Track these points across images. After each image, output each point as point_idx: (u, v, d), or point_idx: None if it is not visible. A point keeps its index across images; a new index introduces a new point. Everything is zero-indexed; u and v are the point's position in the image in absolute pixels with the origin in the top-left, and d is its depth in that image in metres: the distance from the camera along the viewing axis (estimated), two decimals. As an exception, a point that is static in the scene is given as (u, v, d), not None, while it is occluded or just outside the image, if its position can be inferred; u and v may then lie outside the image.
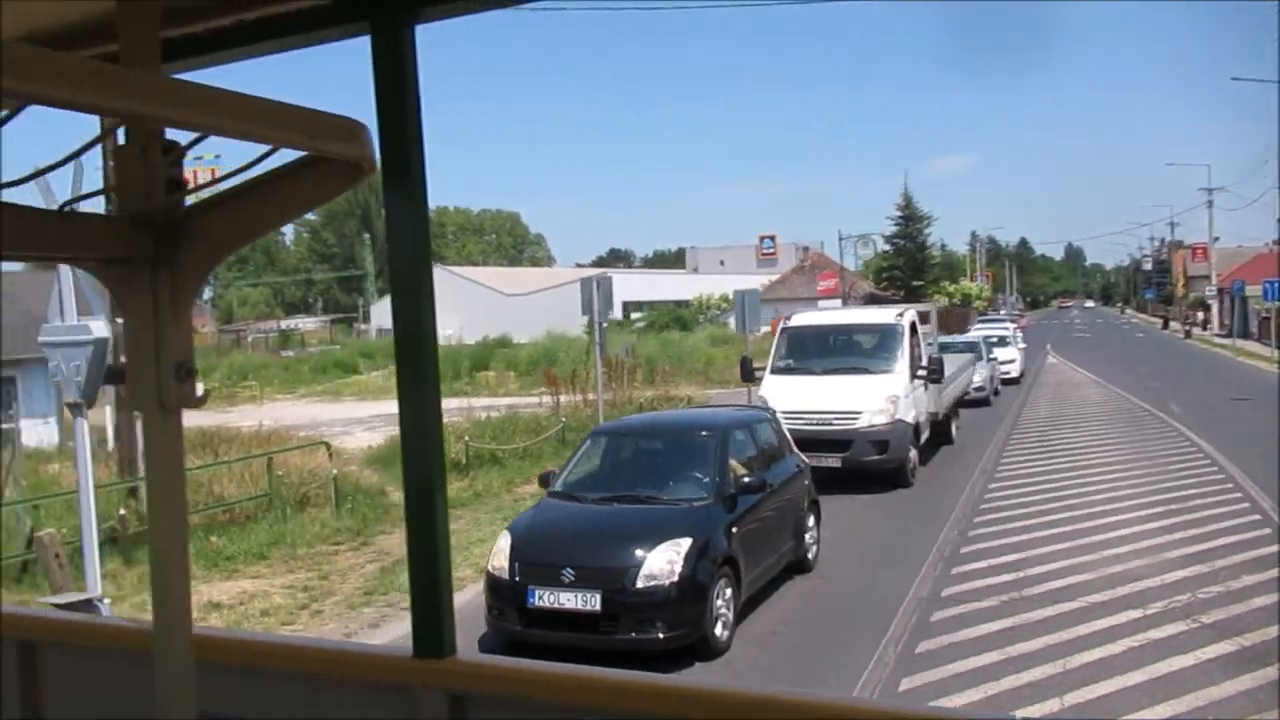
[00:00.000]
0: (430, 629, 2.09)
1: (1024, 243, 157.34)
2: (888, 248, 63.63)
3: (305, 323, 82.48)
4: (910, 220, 63.68)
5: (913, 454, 16.03)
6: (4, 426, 22.61)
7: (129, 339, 1.38)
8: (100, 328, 8.04)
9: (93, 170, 15.69)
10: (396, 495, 18.13)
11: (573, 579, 8.36)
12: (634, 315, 64.56)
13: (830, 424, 15.42)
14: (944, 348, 26.79)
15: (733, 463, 9.99)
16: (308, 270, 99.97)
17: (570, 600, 8.32)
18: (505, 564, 8.71)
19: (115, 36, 1.83)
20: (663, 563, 8.39)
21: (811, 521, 11.47)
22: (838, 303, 38.13)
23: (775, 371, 16.91)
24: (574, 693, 2.03)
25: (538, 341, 48.76)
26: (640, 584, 8.31)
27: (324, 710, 2.22)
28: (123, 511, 13.42)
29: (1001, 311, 75.10)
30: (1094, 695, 7.69)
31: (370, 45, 2.01)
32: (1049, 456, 18.86)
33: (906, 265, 62.54)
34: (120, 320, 8.11)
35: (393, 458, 21.02)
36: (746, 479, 9.68)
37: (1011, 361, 32.54)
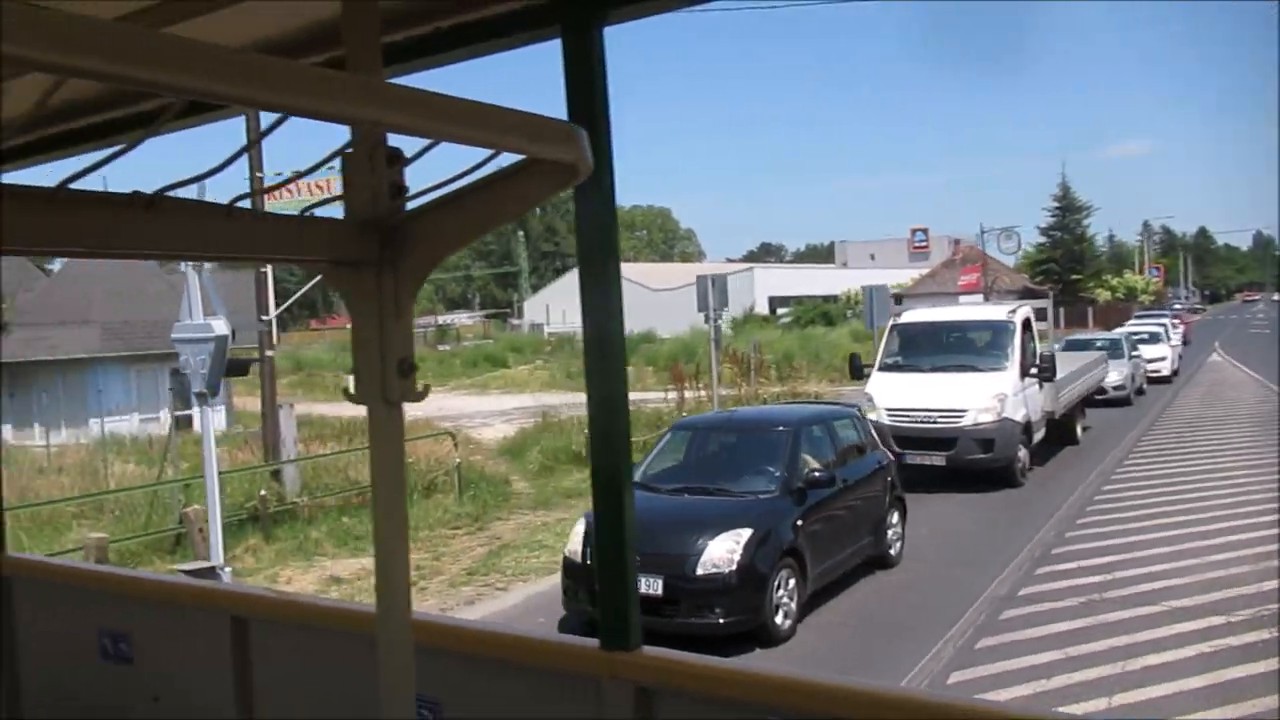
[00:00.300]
0: (618, 622, 2.12)
1: (1203, 232, 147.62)
2: (1044, 240, 61.34)
3: (462, 318, 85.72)
4: (1068, 210, 61.18)
5: (1022, 453, 15.80)
6: (177, 414, 24.87)
7: (355, 337, 1.43)
8: (221, 326, 9.09)
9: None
10: (519, 484, 19.13)
11: (638, 564, 8.86)
12: (780, 311, 64.41)
13: (934, 421, 15.40)
14: (1075, 345, 26.00)
15: (806, 457, 10.30)
16: (467, 267, 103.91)
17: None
18: (579, 548, 9.33)
19: (337, 43, 1.96)
20: (723, 551, 8.82)
21: (895, 518, 11.62)
22: (979, 298, 37.19)
23: (883, 368, 16.95)
24: (761, 691, 2.02)
25: (679, 337, 49.40)
26: (700, 571, 8.77)
27: (515, 695, 2.28)
28: (263, 493, 14.75)
29: (1177, 305, 71.09)
30: (1145, 697, 7.69)
31: (561, 48, 2.03)
32: (1179, 459, 18.16)
33: (1063, 258, 60.14)
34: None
35: (521, 449, 22.10)
36: (816, 474, 9.98)
37: (1161, 359, 31.07)
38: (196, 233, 1.23)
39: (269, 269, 17.65)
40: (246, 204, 1.30)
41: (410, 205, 1.44)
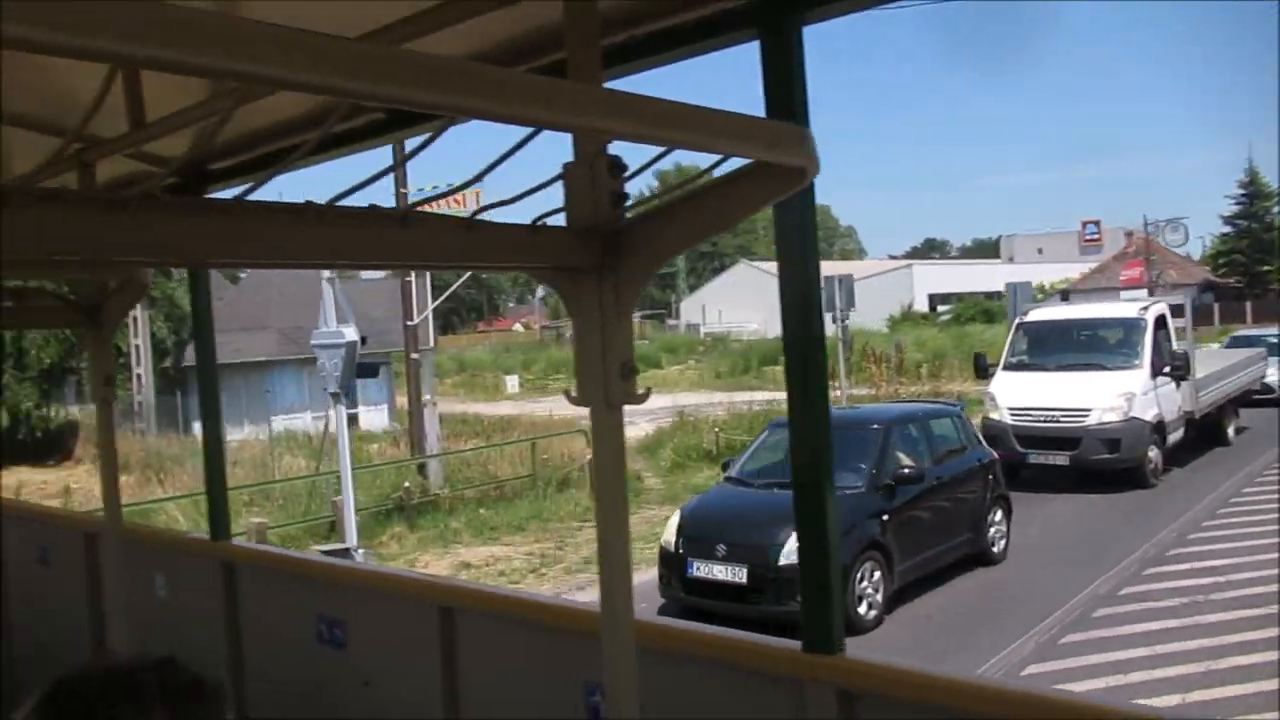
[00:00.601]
0: (820, 624, 2.08)
1: None
2: (1228, 229, 57.67)
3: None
4: (1255, 198, 57.27)
5: (1153, 454, 15.36)
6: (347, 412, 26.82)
7: (578, 340, 1.46)
8: (351, 332, 10.17)
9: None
10: (651, 480, 19.89)
11: (725, 553, 9.44)
12: (940, 308, 62.96)
13: (1057, 421, 15.19)
14: (1241, 341, 24.65)
15: (898, 455, 10.56)
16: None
17: (721, 572, 9.41)
18: (673, 538, 9.95)
19: (554, 49, 2.01)
20: (805, 543, 9.24)
21: (998, 516, 11.70)
22: (1143, 293, 35.54)
23: (1007, 368, 16.77)
24: (972, 700, 1.96)
25: (830, 336, 49.15)
26: (782, 561, 9.22)
27: (716, 693, 2.28)
28: (407, 485, 16.01)
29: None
30: (1220, 696, 7.67)
31: (759, 50, 2.01)
32: (1339, 461, 17.15)
33: (1250, 249, 56.34)
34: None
35: (657, 446, 22.90)
36: (906, 470, 10.25)
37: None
38: (444, 244, 1.29)
39: (413, 278, 18.94)
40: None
41: (626, 201, 1.45)
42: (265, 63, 0.76)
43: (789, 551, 9.25)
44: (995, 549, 11.59)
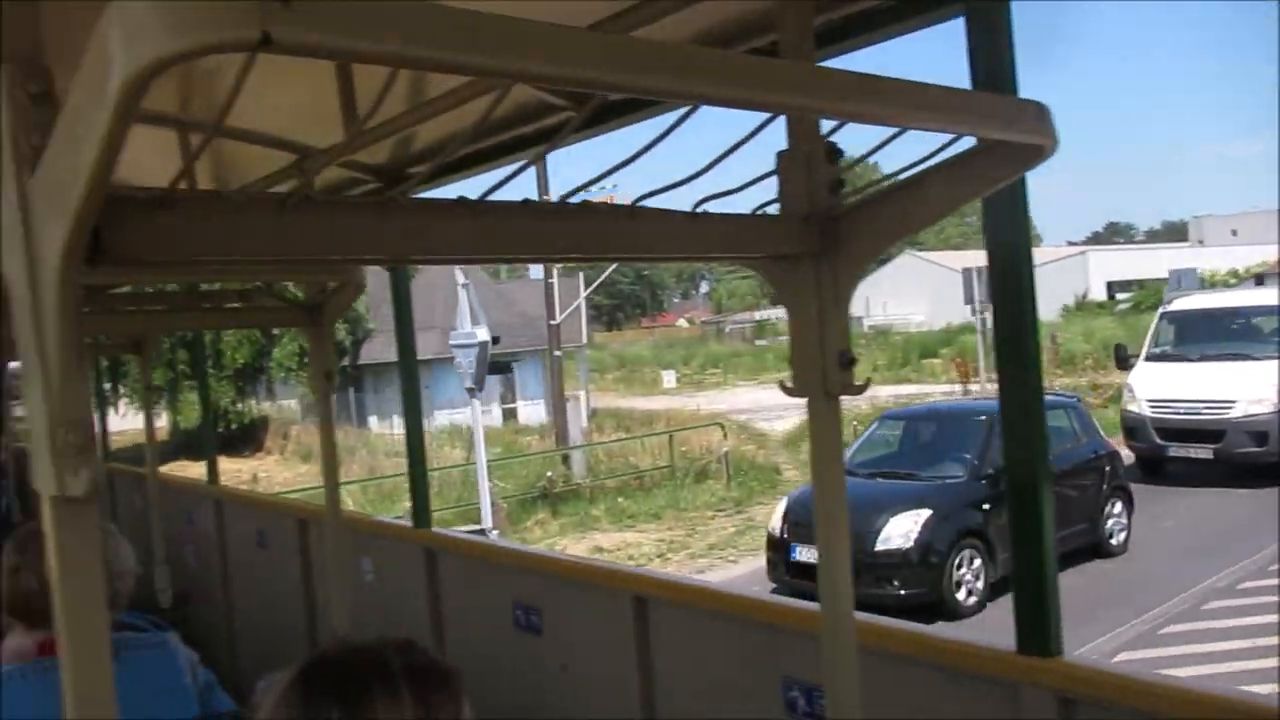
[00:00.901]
0: (1037, 626, 2.01)
1: None
2: None
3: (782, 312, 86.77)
4: None
5: (1306, 447, 14.71)
6: (505, 406, 28.42)
7: (793, 329, 1.43)
8: (483, 333, 11.20)
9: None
10: (790, 473, 20.33)
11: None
12: (1120, 296, 60.11)
13: (1199, 413, 14.78)
14: None
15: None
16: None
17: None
18: (778, 525, 10.55)
19: (763, 32, 1.98)
20: (901, 530, 9.66)
21: (1118, 508, 11.69)
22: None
23: (1149, 358, 16.36)
24: (1199, 710, 1.84)
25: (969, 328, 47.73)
26: (879, 546, 9.67)
27: (926, 694, 2.23)
28: (550, 474, 17.10)
29: None
30: (1314, 687, 7.63)
31: (964, 28, 1.96)
32: None
33: None
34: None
35: (799, 439, 23.22)
36: (1008, 461, 10.47)
37: None
38: (668, 235, 1.28)
39: (555, 279, 19.97)
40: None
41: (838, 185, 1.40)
42: (536, 59, 0.78)
43: (885, 538, 9.69)
44: (1114, 541, 11.58)
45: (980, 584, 9.92)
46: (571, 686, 3.25)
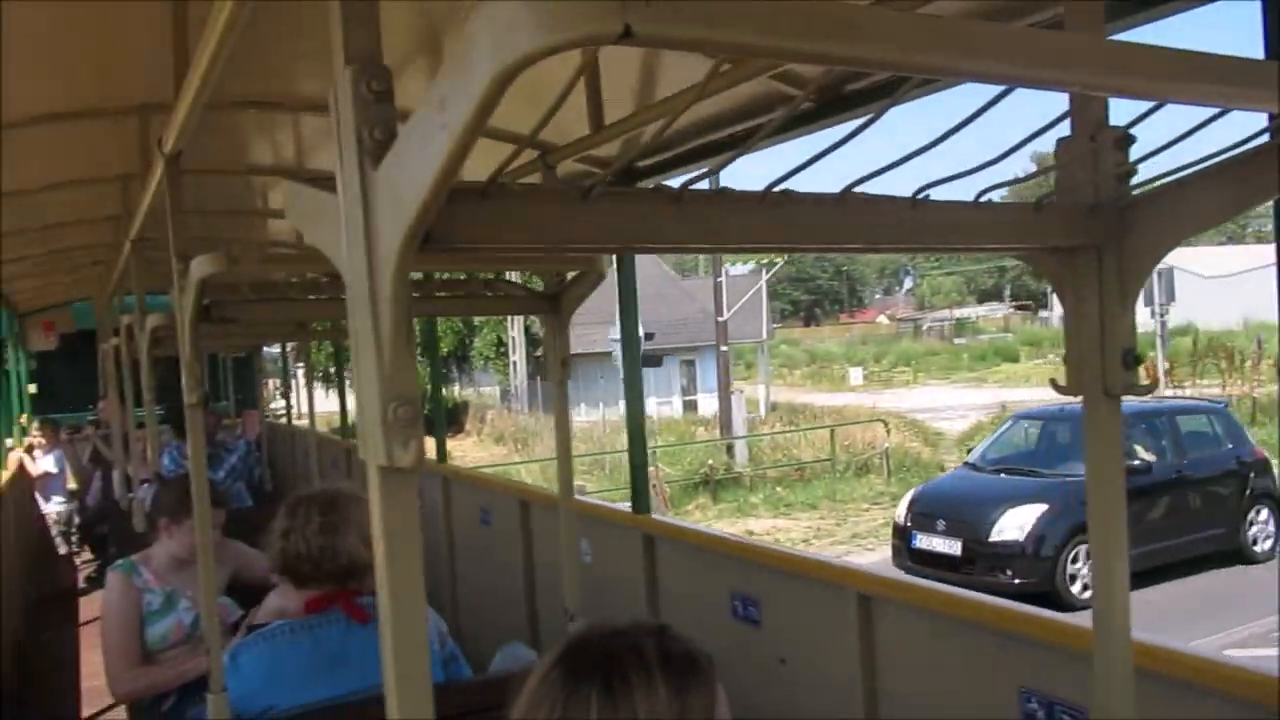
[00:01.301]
0: None
1: None
2: None
3: (993, 310, 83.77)
4: None
5: None
6: (686, 398, 29.66)
7: (1070, 325, 1.35)
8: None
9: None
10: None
11: (943, 528, 10.58)
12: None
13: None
14: None
15: (1137, 448, 11.01)
16: (1002, 258, 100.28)
17: (939, 545, 10.57)
18: (904, 514, 11.24)
19: (1042, 6, 2.00)
20: (1015, 523, 10.19)
21: (1263, 514, 11.65)
22: None
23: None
24: None
25: (1220, 330, 44.86)
26: (993, 537, 10.22)
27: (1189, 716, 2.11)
28: (710, 462, 18.18)
29: None
30: None
31: (1261, 4, 1.85)
32: None
33: None
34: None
35: (970, 439, 23.31)
36: (1133, 463, 10.71)
37: None
38: (950, 225, 1.23)
39: (724, 277, 20.89)
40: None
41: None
42: (850, 41, 0.76)
43: (1000, 529, 10.22)
44: (1258, 547, 11.54)
45: (1098, 579, 10.27)
46: (790, 681, 3.23)
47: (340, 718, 2.27)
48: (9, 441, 9.77)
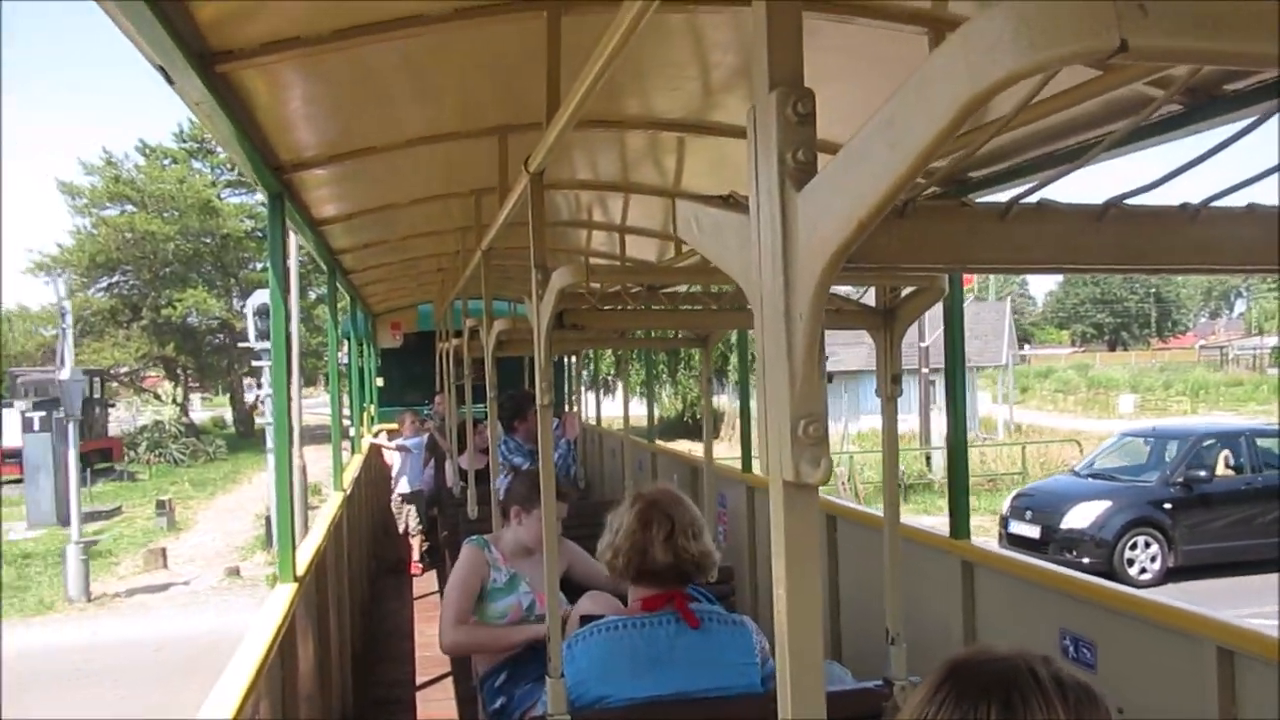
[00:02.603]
0: None
1: None
2: None
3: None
4: None
5: None
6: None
7: None
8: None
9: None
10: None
11: (1029, 517, 13.36)
12: None
13: None
14: None
15: (1208, 461, 13.13)
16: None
17: (1023, 529, 13.37)
18: (1006, 506, 14.25)
19: None
20: (1081, 515, 12.84)
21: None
22: None
23: None
24: None
25: None
26: (1063, 525, 12.91)
27: None
28: (902, 468, 20.98)
29: None
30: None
31: None
32: None
33: None
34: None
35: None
36: (1199, 474, 12.90)
37: None
38: (1236, 240, 1.07)
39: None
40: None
41: None
42: None
43: (1069, 519, 12.90)
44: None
45: (1155, 565, 12.63)
46: None
47: (673, 714, 2.34)
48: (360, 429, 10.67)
